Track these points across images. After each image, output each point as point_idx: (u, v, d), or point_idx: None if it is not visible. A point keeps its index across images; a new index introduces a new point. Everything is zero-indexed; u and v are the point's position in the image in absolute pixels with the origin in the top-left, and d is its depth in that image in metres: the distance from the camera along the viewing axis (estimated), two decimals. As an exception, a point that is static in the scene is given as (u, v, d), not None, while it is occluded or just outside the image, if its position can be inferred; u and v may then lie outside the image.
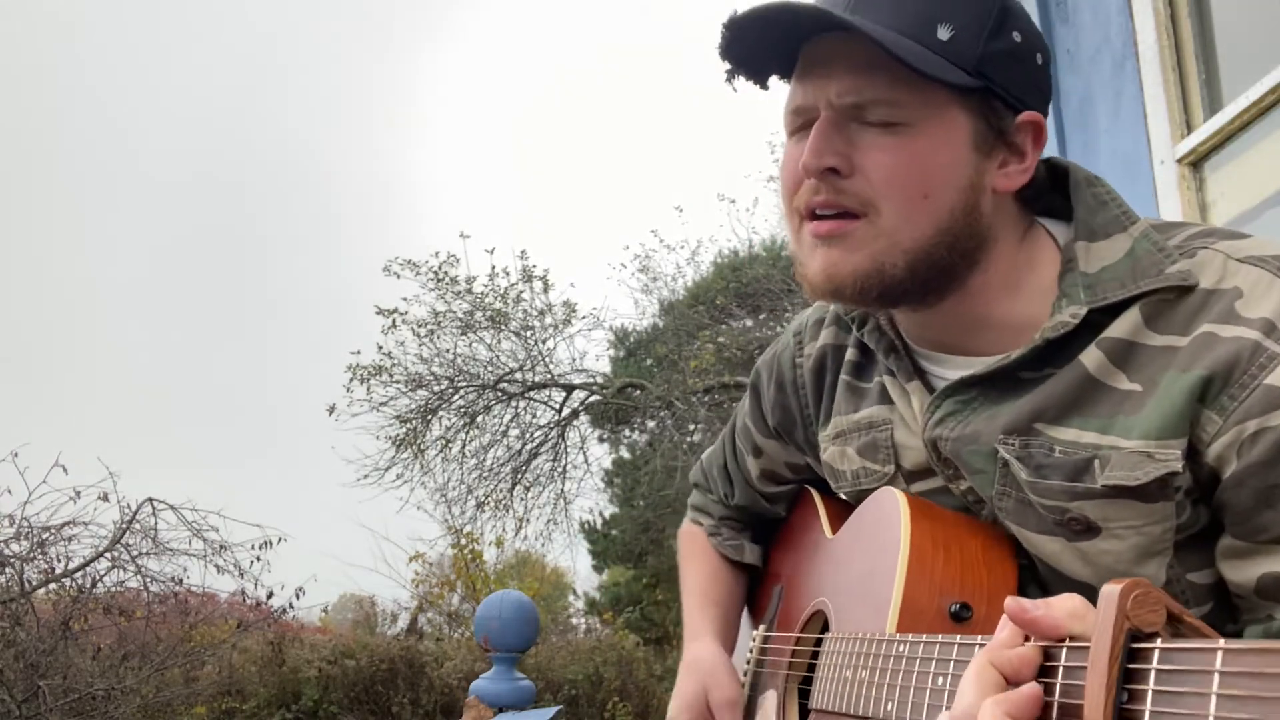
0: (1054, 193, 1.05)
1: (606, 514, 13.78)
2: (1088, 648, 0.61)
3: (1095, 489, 0.92)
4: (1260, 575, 0.87)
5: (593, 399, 11.56)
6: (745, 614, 1.45)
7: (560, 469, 11.36)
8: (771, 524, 1.44)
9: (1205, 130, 2.48)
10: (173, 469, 16.48)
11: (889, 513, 1.04)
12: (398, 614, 12.62)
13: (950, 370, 1.05)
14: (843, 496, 1.22)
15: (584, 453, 11.64)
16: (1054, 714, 0.64)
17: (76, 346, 25.91)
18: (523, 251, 11.31)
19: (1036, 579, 1.02)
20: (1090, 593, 0.68)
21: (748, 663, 1.35)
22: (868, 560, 1.08)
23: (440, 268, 10.81)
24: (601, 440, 12.36)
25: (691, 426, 10.70)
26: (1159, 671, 0.57)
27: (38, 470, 5.81)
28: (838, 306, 1.17)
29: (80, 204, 27.72)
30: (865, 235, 0.94)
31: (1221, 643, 0.54)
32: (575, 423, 11.53)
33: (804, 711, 1.16)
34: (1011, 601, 0.69)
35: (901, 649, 0.89)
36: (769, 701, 1.24)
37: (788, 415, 1.28)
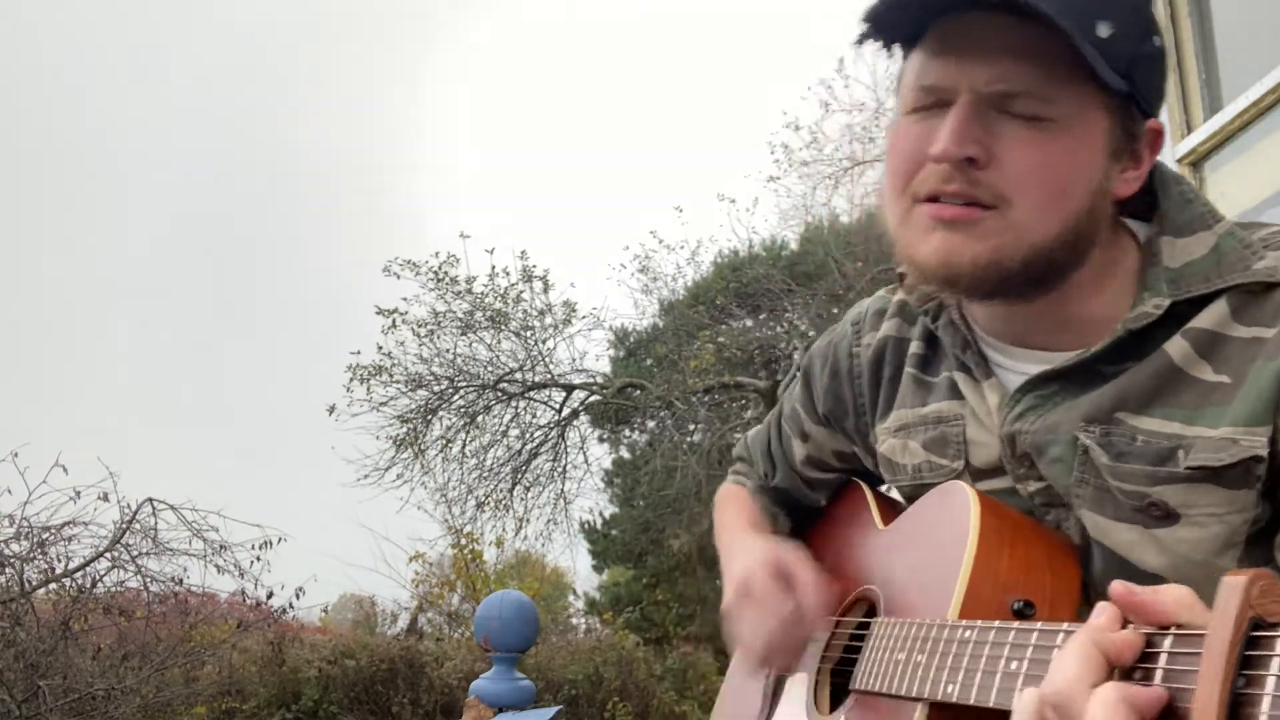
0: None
1: (606, 514, 13.79)
2: (1198, 635, 0.61)
3: (1179, 472, 0.90)
4: None
5: (593, 399, 11.56)
6: None
7: (560, 469, 11.38)
8: (807, 512, 1.43)
9: (1205, 130, 2.49)
10: (173, 469, 16.49)
11: (957, 505, 1.02)
12: (398, 614, 12.61)
13: (1023, 365, 1.03)
14: (894, 491, 1.21)
15: (584, 453, 11.67)
16: None
17: (76, 346, 25.88)
18: (523, 252, 11.27)
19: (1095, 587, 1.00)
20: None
21: None
22: (929, 551, 1.06)
23: (440, 268, 10.82)
24: (601, 440, 12.38)
25: (691, 426, 10.71)
26: None
27: (38, 470, 5.78)
28: (909, 297, 1.14)
29: (80, 203, 27.74)
30: (994, 226, 0.92)
31: None
32: (575, 423, 11.54)
33: (837, 694, 1.15)
34: (1119, 585, 0.68)
35: (968, 634, 0.87)
36: (799, 683, 1.22)
37: (840, 404, 1.26)
